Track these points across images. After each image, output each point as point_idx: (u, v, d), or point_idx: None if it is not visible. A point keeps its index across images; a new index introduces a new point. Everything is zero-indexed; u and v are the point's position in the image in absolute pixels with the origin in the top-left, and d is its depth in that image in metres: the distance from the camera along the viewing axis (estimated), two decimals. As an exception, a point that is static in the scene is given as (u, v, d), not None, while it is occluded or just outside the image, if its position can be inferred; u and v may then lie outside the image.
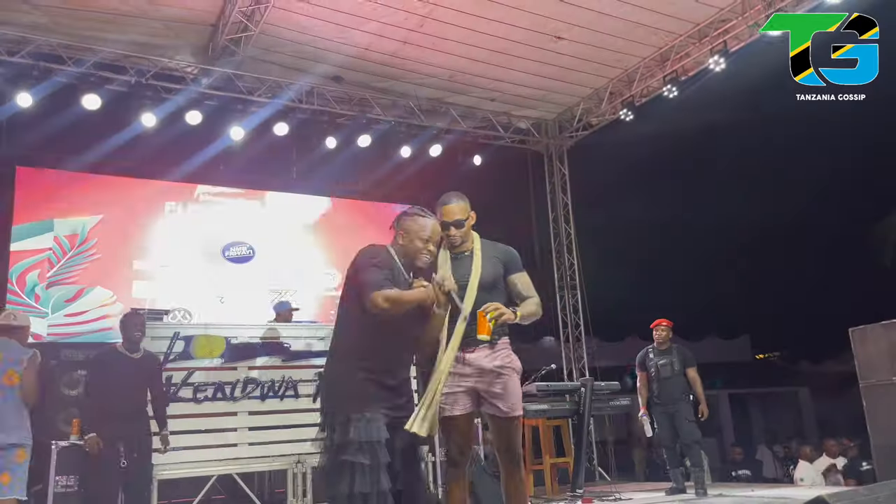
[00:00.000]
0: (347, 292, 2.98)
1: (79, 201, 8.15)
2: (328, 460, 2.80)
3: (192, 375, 5.73)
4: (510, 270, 3.40)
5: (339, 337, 3.00)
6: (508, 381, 3.25)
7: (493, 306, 3.11)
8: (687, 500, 6.20)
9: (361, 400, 2.83)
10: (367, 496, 2.70)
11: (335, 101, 9.38)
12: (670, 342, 7.11)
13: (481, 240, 3.45)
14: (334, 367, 2.93)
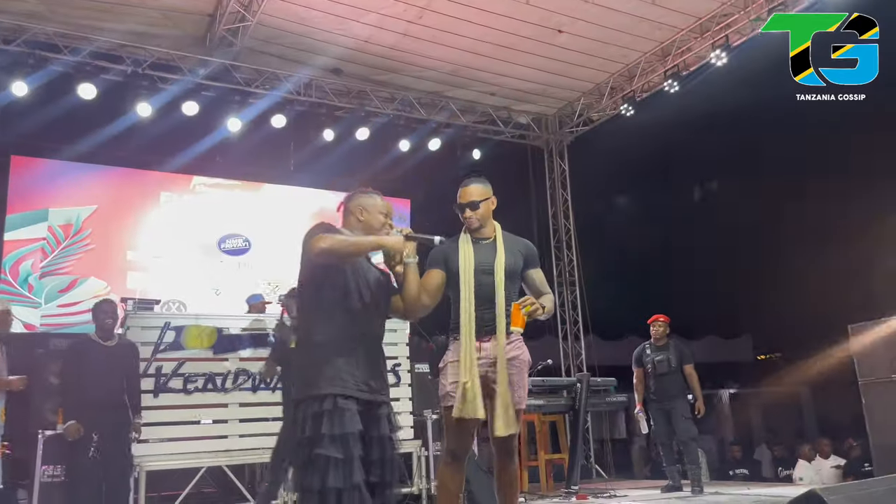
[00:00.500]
0: (305, 276, 2.84)
1: (73, 191, 8.10)
2: (298, 453, 2.63)
3: (182, 366, 5.68)
4: (529, 265, 3.39)
5: (306, 325, 2.84)
6: (519, 373, 3.23)
7: (530, 300, 3.12)
8: (683, 498, 6.13)
9: (334, 388, 2.67)
10: (340, 491, 2.57)
11: (334, 93, 9.32)
12: (667, 338, 7.03)
13: (503, 231, 3.42)
14: (304, 356, 2.79)
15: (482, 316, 3.21)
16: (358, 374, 2.74)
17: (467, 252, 3.29)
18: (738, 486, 7.22)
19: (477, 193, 3.35)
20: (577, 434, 6.85)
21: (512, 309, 3.12)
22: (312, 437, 2.61)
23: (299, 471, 2.64)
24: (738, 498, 5.95)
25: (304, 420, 2.65)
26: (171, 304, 8.23)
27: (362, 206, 2.96)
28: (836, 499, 2.42)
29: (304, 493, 2.60)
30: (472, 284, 3.22)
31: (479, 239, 3.36)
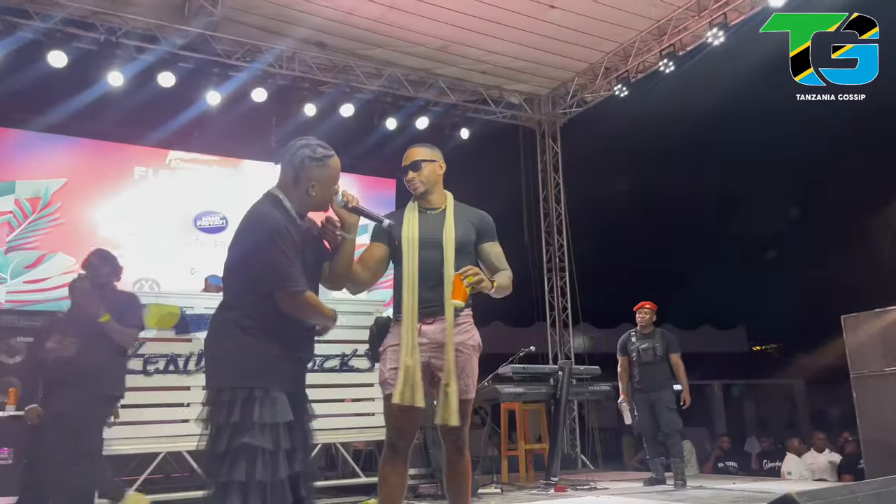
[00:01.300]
0: (244, 265, 2.51)
1: (42, 163, 7.79)
2: (221, 442, 2.35)
3: (142, 346, 5.40)
4: (483, 238, 3.07)
5: (238, 308, 2.51)
6: (466, 360, 2.92)
7: (473, 270, 2.78)
8: (664, 492, 5.90)
9: (268, 376, 2.44)
10: (264, 486, 2.33)
11: (317, 67, 9.01)
12: (654, 326, 6.78)
13: (455, 201, 3.12)
14: (233, 339, 2.47)
15: (425, 295, 2.91)
16: (291, 370, 2.55)
17: (411, 223, 3.01)
18: (724, 480, 6.99)
19: (420, 154, 3.08)
20: (559, 424, 6.61)
21: (453, 280, 2.80)
22: (240, 424, 2.35)
23: (218, 460, 2.36)
24: (720, 493, 5.72)
25: (230, 404, 2.37)
26: (143, 282, 7.99)
27: (316, 180, 2.59)
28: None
29: (224, 486, 2.32)
30: (416, 259, 2.93)
31: (426, 209, 3.08)
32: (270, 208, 2.55)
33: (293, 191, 2.59)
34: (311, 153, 2.61)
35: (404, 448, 2.93)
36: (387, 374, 2.92)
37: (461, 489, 3.00)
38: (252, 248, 2.47)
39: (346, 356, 6.11)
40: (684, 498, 5.41)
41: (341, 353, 6.09)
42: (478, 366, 3.00)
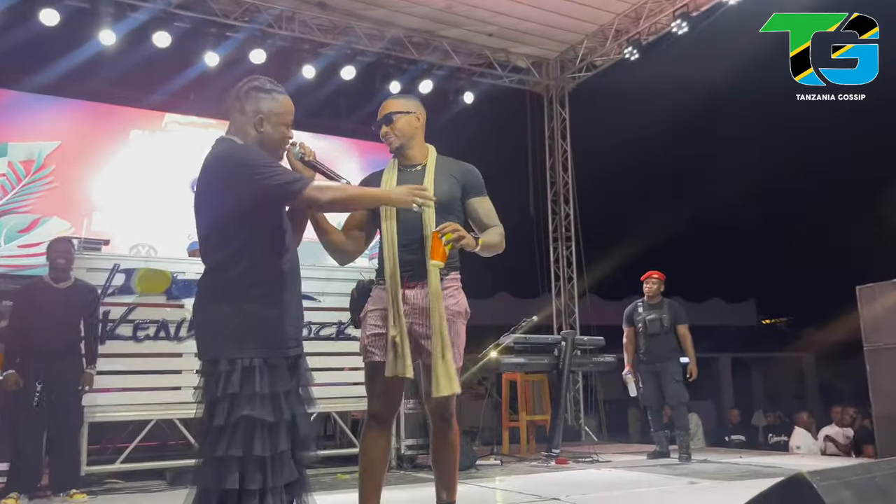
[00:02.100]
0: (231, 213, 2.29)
1: (35, 125, 7.58)
2: (219, 415, 2.19)
3: (132, 311, 5.25)
4: (470, 193, 2.85)
5: (230, 269, 2.30)
6: (451, 327, 2.71)
7: (451, 227, 2.57)
8: (668, 465, 5.75)
9: (267, 343, 2.28)
10: (264, 459, 2.18)
11: (317, 28, 8.73)
12: (662, 296, 6.57)
13: (439, 155, 2.91)
14: (229, 304, 2.28)
15: (406, 258, 2.72)
16: (288, 328, 2.37)
17: (389, 182, 2.81)
18: (730, 454, 6.84)
19: (394, 106, 2.86)
20: (560, 395, 6.46)
21: (431, 239, 2.60)
22: (240, 396, 2.19)
23: (215, 434, 2.19)
24: (726, 467, 5.56)
25: (228, 375, 2.21)
26: (140, 247, 7.84)
27: (262, 114, 2.36)
28: (829, 485, 1.97)
29: (221, 461, 2.16)
30: (394, 221, 2.74)
31: (406, 166, 2.87)
32: (222, 148, 2.35)
33: (242, 130, 2.38)
34: (259, 85, 2.42)
35: (388, 418, 2.78)
36: (366, 340, 2.76)
37: (449, 462, 2.84)
38: (234, 183, 2.25)
39: (342, 324, 5.95)
40: (688, 472, 5.25)
41: (338, 322, 5.94)
42: (464, 332, 2.81)
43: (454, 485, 2.85)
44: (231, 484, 2.14)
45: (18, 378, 4.51)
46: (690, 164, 16.62)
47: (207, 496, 2.17)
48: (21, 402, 4.52)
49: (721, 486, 4.47)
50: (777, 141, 15.57)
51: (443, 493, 2.84)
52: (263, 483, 2.18)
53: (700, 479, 4.84)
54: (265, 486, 2.18)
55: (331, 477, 5.37)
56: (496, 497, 4.41)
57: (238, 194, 2.26)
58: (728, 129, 15.87)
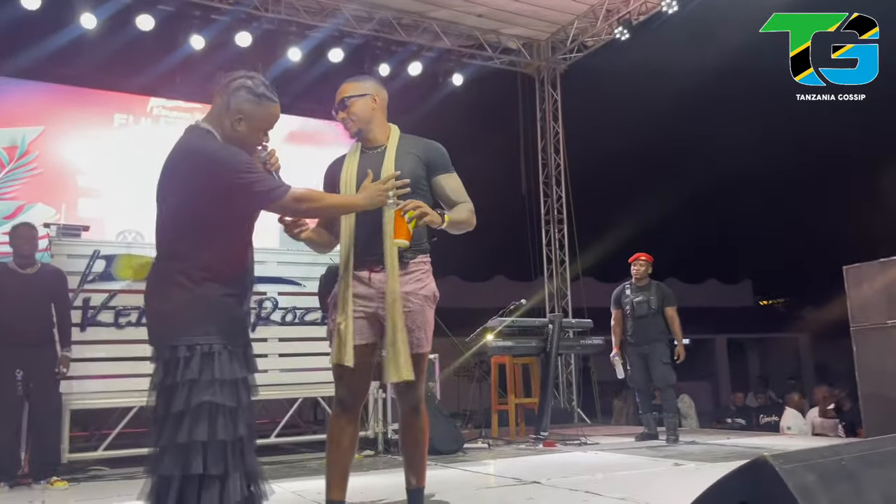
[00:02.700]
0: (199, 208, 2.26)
1: (17, 110, 7.49)
2: (177, 401, 2.15)
3: (113, 298, 5.22)
4: (435, 170, 2.79)
5: (184, 258, 2.27)
6: (418, 312, 2.68)
7: (413, 203, 2.52)
8: (655, 447, 5.74)
9: (225, 329, 2.26)
10: (225, 444, 2.17)
11: (304, 10, 8.63)
12: (649, 278, 6.54)
13: (402, 134, 2.85)
14: (187, 292, 2.25)
15: (367, 241, 2.67)
16: (242, 317, 2.38)
17: (350, 165, 2.77)
18: (717, 434, 6.83)
19: (347, 90, 2.77)
20: (548, 378, 6.43)
21: (394, 218, 2.54)
22: (199, 382, 2.17)
23: (175, 420, 2.15)
24: (713, 448, 5.55)
25: (187, 361, 2.19)
26: (126, 233, 7.78)
27: (246, 115, 2.31)
28: (792, 468, 1.93)
29: (184, 447, 2.13)
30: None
31: (368, 148, 2.82)
32: (199, 140, 2.30)
33: (220, 123, 2.33)
34: (252, 86, 2.35)
35: (353, 405, 2.74)
36: (331, 325, 2.71)
37: (417, 448, 2.80)
38: (210, 182, 2.21)
39: (327, 309, 5.91)
40: (674, 453, 5.24)
41: (319, 307, 5.89)
42: (433, 318, 2.77)
43: (423, 470, 2.82)
44: (196, 469, 2.12)
45: None
46: (685, 145, 16.55)
47: (168, 482, 2.14)
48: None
49: (705, 467, 4.45)
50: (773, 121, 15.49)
51: (412, 479, 2.80)
52: (225, 468, 2.16)
53: (685, 460, 4.83)
54: (226, 471, 2.17)
55: (317, 462, 5.36)
56: (477, 481, 4.39)
57: (214, 192, 2.23)
58: (723, 109, 15.79)
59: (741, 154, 16.04)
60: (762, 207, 18.28)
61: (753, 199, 18.11)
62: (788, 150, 16.56)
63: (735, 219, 18.20)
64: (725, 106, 15.53)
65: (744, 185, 17.49)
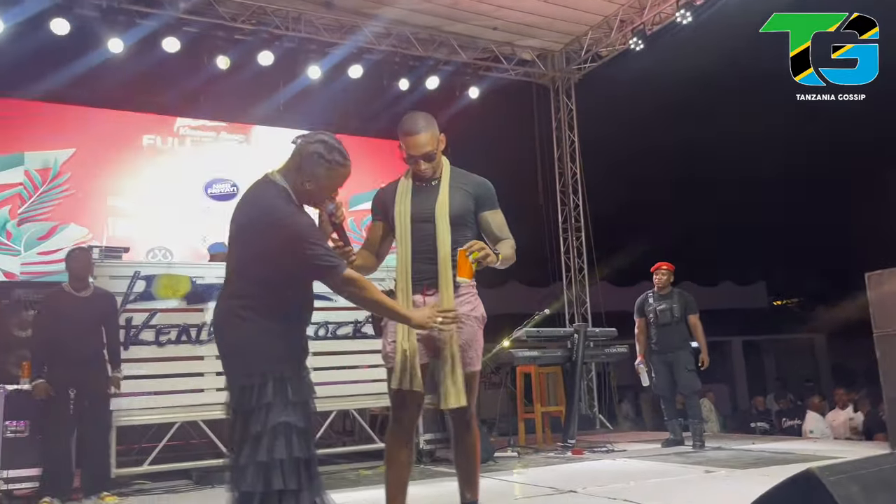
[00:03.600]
0: (265, 266, 2.45)
1: (50, 134, 7.72)
2: (255, 423, 2.35)
3: (154, 317, 5.38)
4: (483, 206, 2.96)
5: (248, 296, 2.45)
6: (470, 332, 2.85)
7: (478, 245, 2.72)
8: (682, 453, 5.85)
9: (293, 357, 2.50)
10: (299, 461, 2.36)
11: (324, 28, 8.80)
12: (672, 287, 6.65)
13: (452, 168, 3.00)
14: (255, 325, 2.43)
15: (420, 268, 2.85)
16: (304, 344, 2.61)
17: (404, 196, 2.93)
18: (743, 439, 6.93)
19: (429, 142, 2.87)
20: (574, 387, 6.57)
21: (457, 257, 2.74)
22: (274, 405, 2.37)
23: (253, 441, 2.34)
24: (740, 454, 5.66)
25: (261, 387, 2.38)
26: (156, 251, 7.97)
27: (314, 177, 2.46)
28: (837, 479, 2.06)
29: (264, 465, 2.31)
30: (409, 234, 2.87)
31: (422, 181, 2.96)
32: (277, 200, 2.45)
33: (293, 179, 2.49)
34: (325, 150, 2.48)
35: (409, 423, 2.89)
36: (388, 347, 2.87)
37: (470, 463, 2.96)
38: (288, 245, 2.40)
39: (358, 323, 6.07)
40: (702, 460, 5.35)
41: (354, 320, 6.05)
42: (482, 338, 2.93)
43: (476, 483, 2.97)
44: (276, 485, 2.31)
45: (48, 387, 4.63)
46: (698, 149, 16.63)
47: (250, 498, 2.32)
48: (52, 410, 4.64)
49: (736, 473, 4.56)
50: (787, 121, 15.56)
51: (466, 493, 2.96)
52: (299, 484, 2.35)
53: (715, 467, 4.94)
54: (300, 486, 2.35)
55: (354, 473, 5.50)
56: (515, 490, 4.52)
57: (282, 259, 2.42)
58: (734, 113, 15.86)
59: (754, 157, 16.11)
60: (773, 207, 18.31)
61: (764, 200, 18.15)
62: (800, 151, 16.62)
63: (747, 219, 18.24)
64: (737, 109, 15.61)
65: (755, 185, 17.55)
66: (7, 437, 4.77)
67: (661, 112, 14.10)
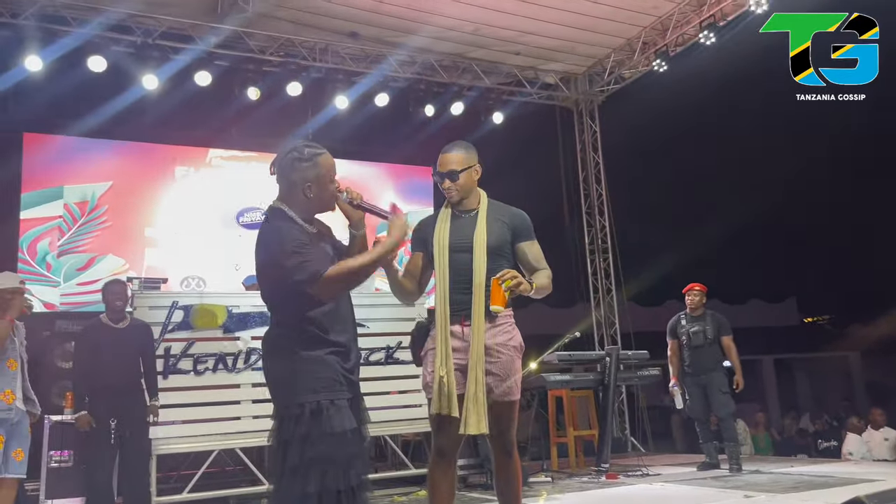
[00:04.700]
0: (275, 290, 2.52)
1: (87, 167, 7.95)
2: (293, 456, 2.37)
3: (191, 346, 5.48)
4: (519, 237, 3.02)
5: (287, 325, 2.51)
6: (508, 362, 2.90)
7: (511, 273, 2.77)
8: (719, 478, 5.79)
9: (331, 386, 2.46)
10: (339, 493, 2.36)
11: (350, 58, 8.97)
12: (704, 308, 6.62)
13: (490, 200, 3.08)
14: (293, 355, 2.46)
15: (458, 298, 2.90)
16: (347, 368, 2.54)
17: (443, 227, 3.00)
18: (781, 463, 6.83)
19: (457, 161, 2.98)
20: (607, 411, 6.53)
21: (491, 285, 2.78)
22: (310, 437, 2.37)
23: (291, 473, 2.37)
24: (778, 477, 5.58)
25: (298, 418, 2.40)
26: (189, 280, 8.12)
27: (308, 181, 2.49)
28: (887, 508, 2.06)
29: (302, 498, 2.34)
30: (447, 264, 2.93)
31: (461, 212, 3.04)
32: (276, 222, 2.52)
33: (293, 197, 2.53)
34: (298, 153, 2.54)
35: (451, 451, 2.93)
36: (428, 377, 2.92)
37: (512, 491, 3.00)
38: (271, 270, 2.47)
39: (390, 349, 6.13)
40: (741, 484, 5.29)
41: (386, 346, 6.11)
42: (521, 367, 2.98)
43: (518, 511, 2.99)
44: None
45: (90, 418, 4.73)
46: (724, 167, 16.56)
47: None
48: (94, 440, 4.74)
49: (777, 499, 4.52)
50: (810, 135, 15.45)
51: (508, 520, 2.98)
52: None
53: (754, 491, 4.88)
54: None
55: (387, 499, 5.52)
56: (553, 517, 4.50)
57: (272, 287, 2.53)
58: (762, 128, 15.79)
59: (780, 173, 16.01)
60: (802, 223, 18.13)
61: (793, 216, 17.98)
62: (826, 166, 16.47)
63: (776, 236, 18.07)
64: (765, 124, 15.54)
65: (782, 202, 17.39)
66: (52, 467, 4.88)
67: (685, 130, 14.08)
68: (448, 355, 2.84)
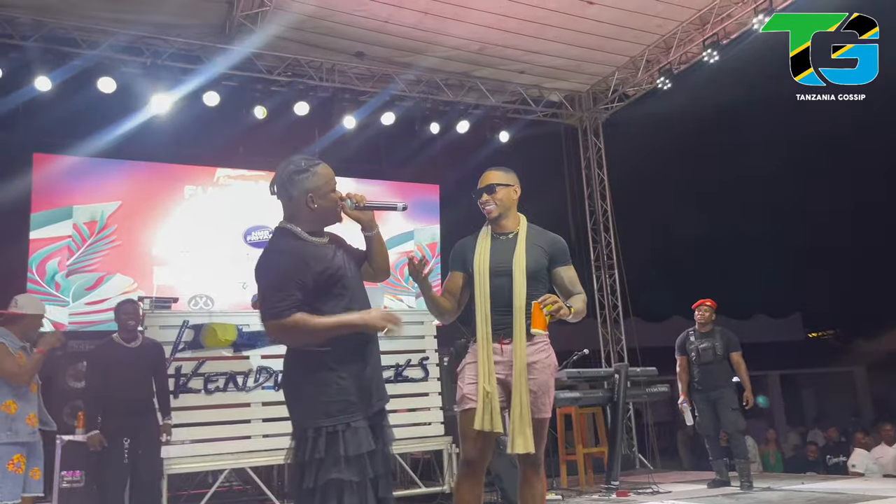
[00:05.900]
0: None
1: (97, 187, 8.01)
2: (309, 478, 2.36)
3: (202, 365, 5.52)
4: (556, 262, 3.10)
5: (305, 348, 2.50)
6: (542, 379, 2.98)
7: (552, 298, 2.85)
8: (730, 495, 5.77)
9: (347, 408, 2.42)
10: None
11: (357, 77, 9.06)
12: (713, 324, 6.63)
13: (529, 225, 3.16)
14: (310, 377, 2.45)
15: (498, 319, 2.98)
16: (365, 387, 2.50)
17: (483, 249, 3.08)
18: (791, 479, 6.80)
19: (496, 178, 3.11)
20: (617, 428, 6.52)
21: (532, 309, 2.87)
22: (326, 460, 2.35)
23: (307, 496, 2.37)
24: (790, 495, 5.56)
25: (314, 441, 2.38)
26: (198, 298, 8.14)
27: (309, 192, 2.49)
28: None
29: None
30: (487, 286, 3.00)
31: (499, 234, 3.13)
32: (278, 242, 2.54)
33: (296, 213, 2.53)
34: (296, 167, 2.54)
35: (481, 465, 2.97)
36: (465, 389, 2.97)
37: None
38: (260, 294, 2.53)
39: (399, 367, 6.15)
40: (752, 501, 5.29)
41: (395, 364, 6.12)
42: (554, 385, 3.04)
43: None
44: None
45: (102, 438, 4.73)
46: (728, 182, 16.63)
47: None
48: (107, 459, 4.73)
49: (789, 516, 4.50)
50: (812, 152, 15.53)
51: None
52: None
53: (766, 509, 4.87)
54: None
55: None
56: (565, 535, 4.49)
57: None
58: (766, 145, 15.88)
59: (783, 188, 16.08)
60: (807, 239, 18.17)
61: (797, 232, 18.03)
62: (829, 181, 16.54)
63: (780, 251, 18.12)
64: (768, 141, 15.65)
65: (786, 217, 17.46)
66: (63, 488, 4.88)
67: (689, 146, 14.16)
68: (491, 372, 2.92)
